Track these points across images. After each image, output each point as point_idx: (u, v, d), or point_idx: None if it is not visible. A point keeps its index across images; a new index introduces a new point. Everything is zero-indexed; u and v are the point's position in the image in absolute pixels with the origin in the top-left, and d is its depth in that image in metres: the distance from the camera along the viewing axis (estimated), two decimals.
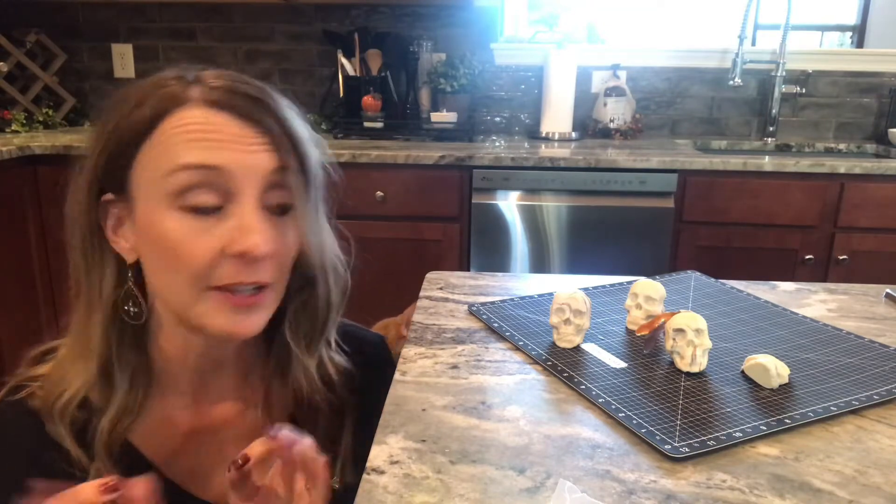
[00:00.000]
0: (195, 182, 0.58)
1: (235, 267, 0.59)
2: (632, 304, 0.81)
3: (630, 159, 2.03)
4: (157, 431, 0.66)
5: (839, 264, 2.06)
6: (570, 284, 1.00)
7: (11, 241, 2.03)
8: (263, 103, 0.61)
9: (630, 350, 0.74)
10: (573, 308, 0.73)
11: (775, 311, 0.87)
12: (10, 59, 2.46)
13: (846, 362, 0.71)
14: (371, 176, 2.07)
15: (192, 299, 0.60)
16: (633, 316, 0.81)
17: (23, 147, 2.02)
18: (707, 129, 2.63)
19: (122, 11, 2.64)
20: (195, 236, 0.58)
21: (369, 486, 0.51)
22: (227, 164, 0.58)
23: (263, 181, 0.60)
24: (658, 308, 0.80)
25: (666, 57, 2.57)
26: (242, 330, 0.61)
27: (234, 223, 0.59)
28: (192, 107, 0.59)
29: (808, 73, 2.54)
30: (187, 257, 0.58)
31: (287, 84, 2.67)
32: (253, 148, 0.59)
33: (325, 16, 2.59)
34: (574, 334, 0.74)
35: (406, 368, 0.71)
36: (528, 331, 0.79)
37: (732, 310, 0.87)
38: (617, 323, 0.82)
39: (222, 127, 0.59)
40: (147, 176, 0.59)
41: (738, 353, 0.73)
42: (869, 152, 2.48)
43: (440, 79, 2.45)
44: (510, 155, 2.06)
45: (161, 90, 0.60)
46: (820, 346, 0.76)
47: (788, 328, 0.81)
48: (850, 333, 0.80)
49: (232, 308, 0.60)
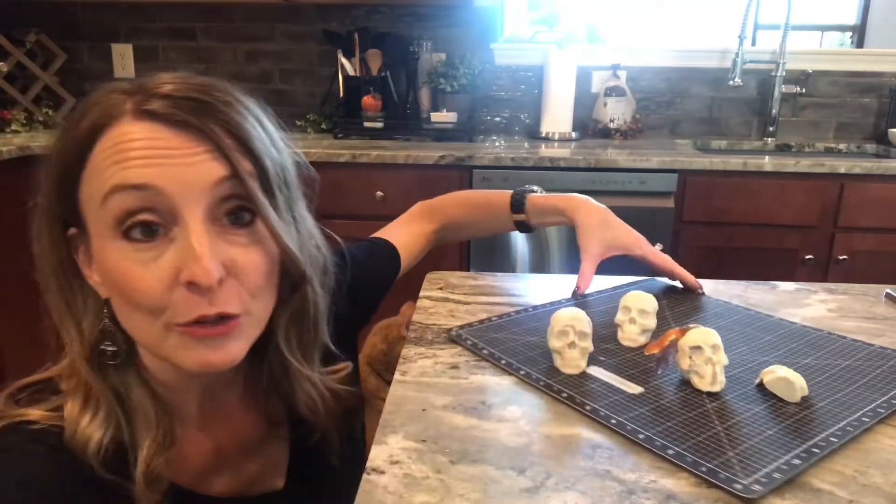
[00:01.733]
0: (132, 207, 0.51)
1: (192, 298, 0.52)
2: (624, 318, 0.77)
3: (630, 159, 2.03)
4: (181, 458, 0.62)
5: (839, 264, 2.06)
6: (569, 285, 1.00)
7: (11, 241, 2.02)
8: (205, 105, 0.54)
9: (639, 371, 0.69)
10: (577, 330, 0.68)
11: (751, 315, 0.85)
12: (10, 59, 2.46)
13: (844, 365, 0.71)
14: (371, 176, 2.07)
15: (156, 337, 0.54)
16: (628, 331, 0.76)
17: (23, 147, 2.02)
18: (707, 129, 2.63)
19: (122, 11, 2.64)
20: (142, 268, 0.52)
21: (369, 487, 0.51)
22: (162, 181, 0.51)
23: (211, 194, 0.53)
24: (652, 322, 0.76)
25: (666, 57, 2.57)
26: (217, 362, 0.55)
27: (179, 248, 0.52)
28: (124, 122, 0.53)
29: (808, 73, 2.54)
30: (138, 292, 0.52)
31: (287, 84, 2.67)
32: (194, 159, 0.52)
33: (325, 16, 2.59)
34: (580, 358, 0.69)
35: (406, 368, 0.71)
36: (523, 356, 0.72)
37: (710, 315, 0.85)
38: (608, 339, 0.77)
39: (156, 141, 0.52)
40: (90, 206, 0.53)
41: (741, 363, 0.71)
42: (869, 152, 2.48)
43: (440, 79, 2.45)
44: (510, 155, 2.06)
45: (98, 106, 0.54)
46: (811, 349, 0.75)
47: (771, 332, 0.80)
48: (831, 333, 0.80)
49: (199, 341, 0.54)
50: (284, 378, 0.65)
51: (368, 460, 0.54)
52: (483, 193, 1.06)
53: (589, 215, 0.92)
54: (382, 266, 0.93)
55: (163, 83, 0.55)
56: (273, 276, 0.58)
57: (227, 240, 0.54)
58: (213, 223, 0.54)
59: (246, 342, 0.57)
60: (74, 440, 0.55)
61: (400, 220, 1.05)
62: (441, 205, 1.05)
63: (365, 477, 0.52)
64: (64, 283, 0.58)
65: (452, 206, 1.04)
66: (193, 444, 0.65)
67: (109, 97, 0.55)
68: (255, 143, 0.55)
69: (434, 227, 1.03)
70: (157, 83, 0.55)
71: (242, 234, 0.55)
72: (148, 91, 0.54)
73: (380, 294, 0.91)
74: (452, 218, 1.04)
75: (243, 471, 0.68)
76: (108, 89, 0.56)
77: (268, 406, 0.69)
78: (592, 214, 0.92)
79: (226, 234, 0.54)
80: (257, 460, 0.69)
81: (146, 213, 0.52)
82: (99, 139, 0.53)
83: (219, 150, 0.53)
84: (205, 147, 0.53)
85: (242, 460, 0.68)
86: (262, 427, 0.69)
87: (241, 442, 0.68)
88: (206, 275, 0.51)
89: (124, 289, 0.52)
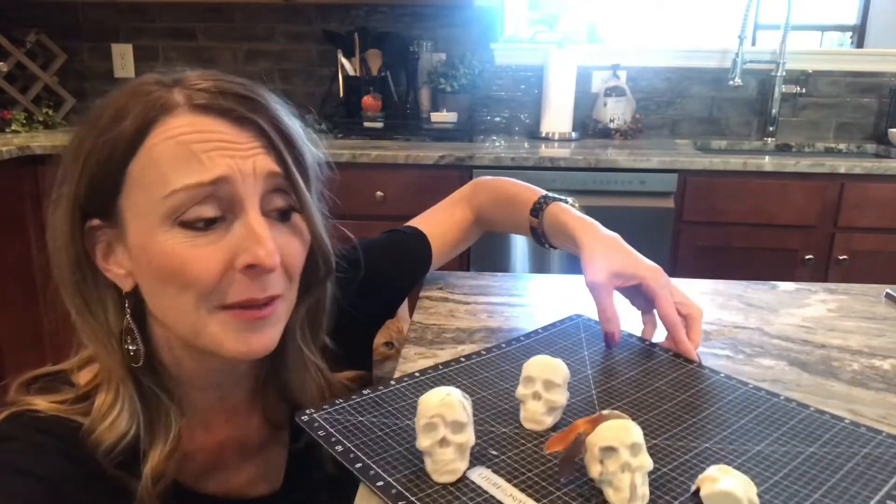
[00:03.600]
0: (193, 199, 0.53)
1: (245, 282, 0.55)
2: (526, 392, 0.58)
3: (630, 159, 2.03)
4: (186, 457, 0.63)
5: (839, 264, 2.06)
6: (569, 285, 1.00)
7: (11, 241, 2.03)
8: (254, 102, 0.56)
9: (541, 474, 0.50)
10: (449, 420, 0.49)
11: (687, 372, 0.68)
12: (10, 59, 2.46)
13: (808, 453, 0.54)
14: (371, 176, 2.07)
15: (201, 322, 0.55)
16: (531, 410, 0.57)
17: (23, 147, 2.02)
18: (707, 129, 2.63)
19: (122, 11, 2.64)
20: (199, 252, 0.53)
21: (367, 490, 0.50)
22: (225, 173, 0.53)
23: (263, 186, 0.55)
24: (562, 395, 0.57)
25: (666, 57, 2.57)
26: (258, 348, 0.57)
27: (239, 234, 0.54)
28: (179, 114, 0.54)
29: (808, 73, 2.54)
30: (193, 275, 0.53)
31: (287, 84, 2.67)
32: (249, 152, 0.55)
33: (325, 16, 2.59)
34: (456, 459, 0.50)
35: (406, 368, 0.70)
36: (388, 455, 0.52)
37: (639, 374, 0.67)
38: (508, 418, 0.59)
39: (214, 134, 0.54)
40: (138, 198, 0.54)
41: (673, 455, 0.53)
42: (869, 152, 2.48)
43: (440, 79, 2.45)
44: (510, 155, 2.06)
45: (142, 98, 0.55)
46: (764, 426, 0.58)
47: (714, 399, 0.62)
48: (789, 401, 0.62)
49: (244, 325, 0.56)
50: (294, 365, 0.66)
51: None
52: (517, 187, 0.91)
53: (594, 237, 0.76)
54: (401, 260, 0.87)
55: (201, 78, 0.56)
56: (301, 269, 0.61)
57: (274, 230, 0.57)
58: (263, 215, 0.56)
59: (281, 327, 0.59)
60: (93, 436, 0.56)
61: (448, 201, 0.95)
62: (484, 188, 0.94)
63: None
64: (80, 278, 0.58)
65: (487, 191, 0.93)
66: (198, 442, 0.65)
67: (151, 90, 0.55)
68: (297, 140, 0.59)
69: (475, 217, 0.94)
70: (194, 78, 0.56)
71: (284, 225, 0.58)
72: (190, 85, 0.56)
73: (396, 289, 0.86)
74: (485, 209, 0.93)
75: (242, 472, 0.68)
76: (141, 83, 0.57)
77: (271, 408, 0.69)
78: (598, 237, 0.77)
79: (272, 226, 0.57)
80: (256, 463, 0.69)
81: (208, 205, 0.54)
82: (152, 130, 0.54)
83: (272, 145, 0.56)
84: (260, 142, 0.56)
85: (242, 462, 0.68)
86: (264, 430, 0.69)
87: (243, 443, 0.68)
88: (269, 257, 0.53)
89: (177, 271, 0.53)
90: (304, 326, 0.66)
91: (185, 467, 0.63)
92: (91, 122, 0.56)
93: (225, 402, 0.66)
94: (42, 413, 0.56)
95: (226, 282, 0.54)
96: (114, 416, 0.57)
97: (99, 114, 0.56)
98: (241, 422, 0.68)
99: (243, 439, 0.68)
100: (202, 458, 0.65)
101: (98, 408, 0.57)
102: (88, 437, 0.56)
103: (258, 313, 0.56)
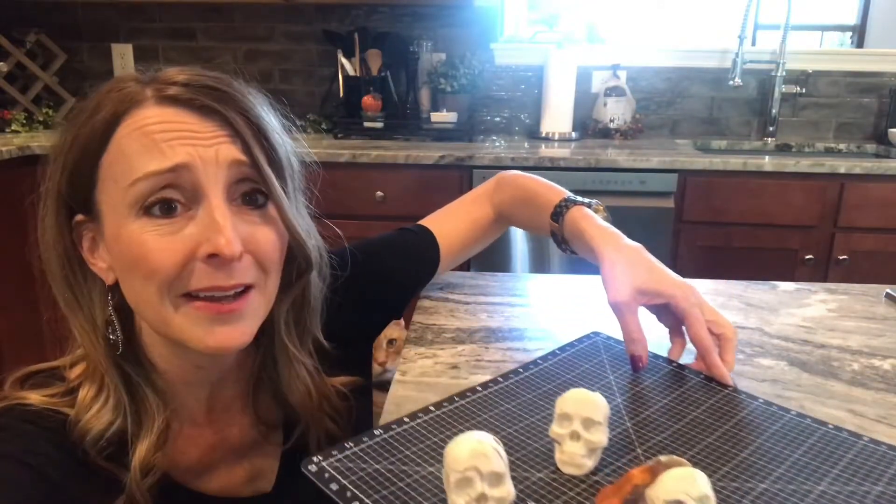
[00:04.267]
0: (157, 187, 0.54)
1: (209, 271, 0.54)
2: (563, 432, 0.51)
3: (630, 159, 2.03)
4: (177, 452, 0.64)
5: (839, 264, 2.06)
6: (569, 285, 1.00)
7: (11, 241, 2.03)
8: (223, 94, 0.57)
9: None
10: (485, 472, 0.43)
11: (724, 398, 0.63)
12: (10, 59, 2.46)
13: (876, 493, 0.50)
14: (371, 176, 2.07)
15: (167, 311, 0.55)
16: (568, 453, 0.51)
17: (23, 147, 2.02)
18: (707, 129, 2.63)
19: (122, 11, 2.64)
20: (162, 241, 0.54)
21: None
22: (186, 161, 0.54)
23: (228, 174, 0.55)
24: (604, 435, 0.51)
25: (666, 57, 2.57)
26: (226, 343, 0.56)
27: (201, 223, 0.54)
28: (146, 106, 0.55)
29: (808, 73, 2.54)
30: (155, 263, 0.54)
31: (287, 84, 2.67)
32: (214, 141, 0.55)
33: (325, 16, 2.59)
34: None
35: (406, 368, 0.70)
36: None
37: (672, 401, 0.62)
38: (540, 460, 0.53)
39: (179, 124, 0.55)
40: (110, 191, 0.55)
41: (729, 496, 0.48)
42: (869, 152, 2.48)
43: (440, 79, 2.45)
44: (510, 155, 2.06)
45: (115, 94, 0.56)
46: (819, 461, 0.54)
47: (759, 430, 0.58)
48: (839, 430, 0.58)
49: (212, 318, 0.55)
50: (281, 363, 0.66)
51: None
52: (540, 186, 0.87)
53: (616, 250, 0.70)
54: (402, 259, 0.84)
55: (176, 73, 0.58)
56: (282, 258, 0.60)
57: (242, 218, 0.57)
58: (230, 203, 0.56)
59: (256, 322, 0.59)
60: (79, 426, 0.57)
61: (468, 196, 0.92)
62: (507, 185, 0.90)
63: None
64: (69, 272, 0.59)
65: (510, 189, 0.89)
66: (191, 440, 0.65)
67: (124, 86, 0.57)
68: (268, 132, 0.58)
69: (495, 215, 0.90)
70: (169, 74, 0.58)
71: (256, 214, 0.58)
72: (163, 80, 0.57)
73: (395, 289, 0.83)
74: (506, 207, 0.89)
75: (234, 472, 0.68)
76: (118, 80, 0.58)
77: (263, 408, 0.69)
78: (619, 249, 0.71)
79: (241, 214, 0.57)
80: (248, 463, 0.69)
81: (170, 191, 0.54)
82: (121, 123, 0.55)
83: (237, 134, 0.56)
84: (225, 132, 0.56)
85: (234, 461, 0.68)
86: (257, 430, 0.69)
87: (236, 443, 0.68)
88: (229, 245, 0.53)
89: (141, 260, 0.54)
90: (290, 322, 0.66)
91: (178, 463, 0.64)
92: (70, 120, 0.58)
93: (214, 400, 0.67)
94: (33, 406, 0.57)
95: (187, 271, 0.54)
96: (98, 405, 0.58)
97: (78, 111, 0.58)
98: (233, 420, 0.68)
99: (235, 439, 0.68)
100: (194, 455, 0.65)
101: (82, 398, 0.58)
102: (75, 426, 0.57)
103: (227, 306, 0.56)
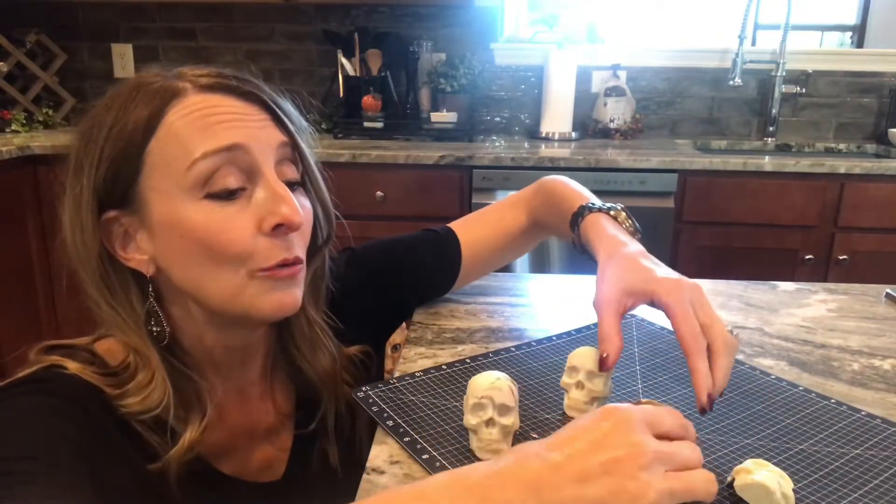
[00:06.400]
0: (218, 166, 0.56)
1: (274, 245, 0.58)
2: (570, 381, 0.60)
3: (630, 159, 2.03)
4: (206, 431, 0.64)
5: (839, 264, 2.06)
6: (569, 285, 1.00)
7: (11, 241, 2.03)
8: (251, 83, 0.61)
9: None
10: (497, 403, 0.52)
11: (739, 372, 0.68)
12: (10, 59, 2.46)
13: (852, 455, 0.54)
14: (371, 176, 2.07)
15: (237, 288, 0.58)
16: (574, 399, 0.60)
17: (23, 147, 2.02)
18: (707, 129, 2.63)
19: (122, 11, 2.64)
20: (229, 221, 0.57)
21: (369, 486, 0.51)
22: (244, 140, 0.57)
23: (276, 155, 0.60)
24: (603, 386, 0.59)
25: (666, 57, 2.57)
26: (290, 304, 0.61)
27: (262, 199, 0.58)
28: (189, 94, 0.58)
29: (808, 73, 2.54)
30: (226, 244, 0.56)
31: (287, 84, 2.66)
32: (260, 123, 0.59)
33: (325, 16, 2.59)
34: (500, 440, 0.53)
35: (406, 369, 0.71)
36: (434, 431, 0.57)
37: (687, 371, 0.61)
38: (552, 406, 0.62)
39: (228, 107, 0.58)
40: (160, 175, 0.57)
41: (714, 448, 0.55)
42: (869, 152, 2.48)
43: (440, 79, 2.45)
44: (510, 155, 2.06)
45: (148, 88, 0.58)
46: (810, 426, 0.58)
47: (763, 400, 0.63)
48: (841, 404, 0.63)
49: (277, 285, 0.59)
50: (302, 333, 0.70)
51: (368, 460, 0.54)
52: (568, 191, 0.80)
53: (611, 256, 0.66)
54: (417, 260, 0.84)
55: (198, 69, 0.61)
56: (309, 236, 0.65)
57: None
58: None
59: (302, 291, 0.63)
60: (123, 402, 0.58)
61: (506, 200, 0.88)
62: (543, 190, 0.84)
63: (365, 476, 0.52)
64: (104, 270, 0.60)
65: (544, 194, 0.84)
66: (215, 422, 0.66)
67: (154, 80, 0.59)
68: (292, 116, 0.63)
69: (529, 222, 0.86)
70: (192, 69, 0.61)
71: (295, 193, 0.61)
72: (191, 74, 0.60)
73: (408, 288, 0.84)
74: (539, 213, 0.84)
75: (252, 457, 0.69)
76: (141, 76, 0.60)
77: (279, 391, 0.72)
78: (615, 256, 0.65)
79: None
80: (263, 450, 0.71)
81: (233, 176, 0.57)
82: (168, 110, 0.57)
83: (277, 119, 0.61)
84: (267, 115, 0.60)
85: (251, 447, 0.70)
86: (272, 416, 0.71)
87: (252, 428, 0.70)
88: (295, 213, 0.58)
89: (210, 244, 0.56)
90: (308, 293, 0.69)
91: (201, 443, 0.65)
92: (96, 121, 0.58)
93: (239, 381, 0.69)
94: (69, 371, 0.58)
95: (256, 247, 0.58)
96: (147, 392, 0.59)
97: (103, 112, 0.58)
98: (251, 408, 0.70)
99: (253, 424, 0.69)
100: (216, 439, 0.66)
101: (137, 383, 0.59)
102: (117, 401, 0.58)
103: (289, 270, 0.60)
